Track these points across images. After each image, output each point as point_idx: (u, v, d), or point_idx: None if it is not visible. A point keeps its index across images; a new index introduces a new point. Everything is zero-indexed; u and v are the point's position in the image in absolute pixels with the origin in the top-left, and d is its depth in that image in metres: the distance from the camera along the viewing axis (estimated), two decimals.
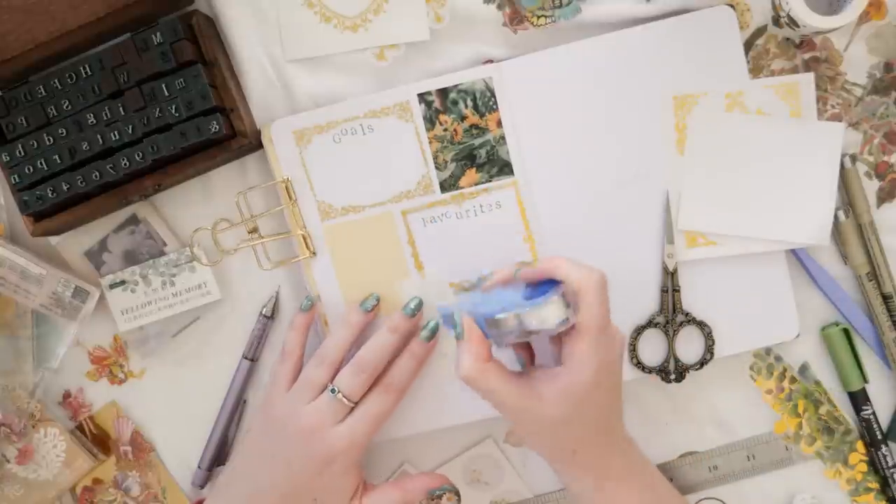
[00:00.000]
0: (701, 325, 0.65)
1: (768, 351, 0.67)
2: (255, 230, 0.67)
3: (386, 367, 0.63)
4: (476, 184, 0.65)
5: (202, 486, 0.70)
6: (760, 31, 0.65)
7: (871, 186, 0.66)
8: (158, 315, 0.69)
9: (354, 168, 0.65)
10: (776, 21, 0.63)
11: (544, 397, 0.55)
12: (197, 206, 0.68)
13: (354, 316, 0.64)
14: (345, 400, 0.60)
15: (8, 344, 0.69)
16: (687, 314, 0.66)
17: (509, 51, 0.65)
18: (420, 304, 0.64)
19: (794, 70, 0.65)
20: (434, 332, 0.63)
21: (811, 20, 0.58)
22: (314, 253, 0.66)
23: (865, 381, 0.66)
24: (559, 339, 0.57)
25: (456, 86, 0.64)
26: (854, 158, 0.65)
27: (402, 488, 0.62)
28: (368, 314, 0.64)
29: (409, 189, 0.65)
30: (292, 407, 0.61)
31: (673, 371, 0.66)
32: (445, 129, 0.65)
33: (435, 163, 0.65)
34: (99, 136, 0.63)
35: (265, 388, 0.67)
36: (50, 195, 0.64)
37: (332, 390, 0.60)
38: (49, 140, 0.64)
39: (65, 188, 0.64)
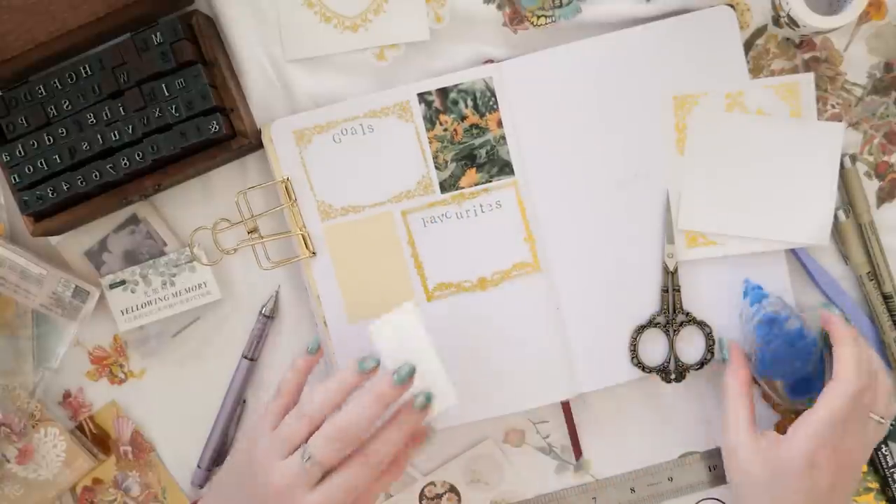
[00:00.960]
0: (701, 324, 0.65)
1: None
2: (255, 230, 0.67)
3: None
4: (476, 184, 0.65)
5: (202, 486, 0.70)
6: (760, 31, 0.65)
7: (871, 186, 0.66)
8: (158, 315, 0.69)
9: (354, 168, 0.65)
10: (776, 21, 0.63)
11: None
12: (197, 206, 0.69)
13: (350, 376, 0.57)
14: (316, 468, 0.54)
15: (8, 344, 0.69)
16: (687, 314, 0.66)
17: (509, 51, 0.65)
18: (412, 371, 0.55)
19: (794, 70, 0.65)
20: (428, 401, 0.56)
21: (811, 20, 0.58)
22: (314, 253, 0.66)
23: None
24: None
25: (456, 86, 0.64)
26: (854, 158, 0.65)
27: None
28: (365, 375, 0.57)
29: (409, 189, 0.65)
30: (268, 456, 0.56)
31: (673, 371, 0.66)
32: (445, 129, 0.65)
33: (435, 163, 0.65)
34: (99, 136, 0.63)
35: (257, 419, 0.61)
36: (50, 195, 0.64)
37: (304, 456, 0.54)
38: (49, 140, 0.64)
39: (65, 188, 0.64)
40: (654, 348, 0.66)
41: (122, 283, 0.68)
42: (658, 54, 0.64)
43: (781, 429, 0.68)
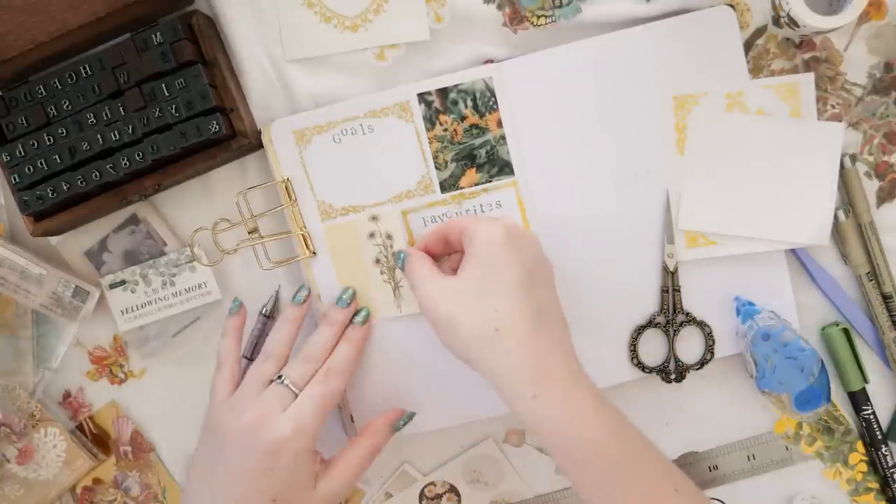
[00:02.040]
0: (701, 324, 0.66)
1: None
2: (255, 230, 0.67)
3: None
4: (476, 184, 0.65)
5: None
6: (760, 31, 0.65)
7: (871, 186, 0.66)
8: (158, 315, 0.69)
9: (354, 168, 0.65)
10: (776, 21, 0.63)
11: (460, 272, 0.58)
12: (197, 206, 0.68)
13: (293, 311, 0.64)
14: (292, 387, 0.60)
15: (8, 344, 0.69)
16: (687, 314, 0.66)
17: (509, 51, 0.65)
18: (353, 295, 0.65)
19: (794, 70, 0.65)
20: (366, 318, 0.65)
21: (811, 20, 0.58)
22: (314, 253, 0.66)
23: (865, 381, 0.66)
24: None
25: (456, 86, 0.64)
26: (854, 158, 0.65)
27: (367, 437, 0.62)
28: (302, 306, 0.65)
29: (410, 189, 0.65)
30: (235, 409, 0.60)
31: (673, 371, 0.66)
32: (445, 129, 0.65)
33: (435, 163, 0.65)
34: (99, 136, 0.63)
35: (210, 401, 0.63)
36: (50, 195, 0.64)
37: (281, 377, 0.60)
38: (49, 140, 0.64)
39: (65, 188, 0.64)
40: (654, 348, 0.66)
41: (122, 283, 0.68)
42: (658, 54, 0.64)
43: (781, 429, 0.68)
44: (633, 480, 0.54)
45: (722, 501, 0.69)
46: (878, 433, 0.66)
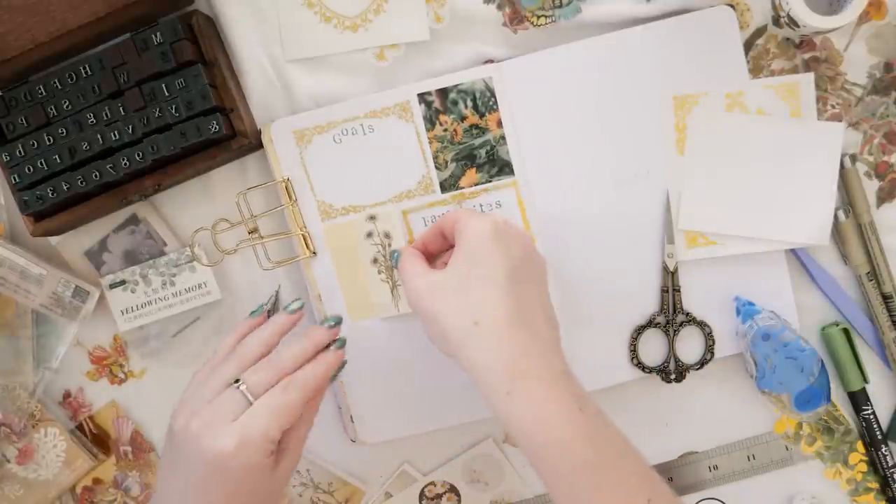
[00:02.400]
0: (701, 324, 0.66)
1: None
2: (255, 230, 0.67)
3: None
4: (476, 184, 0.65)
5: None
6: (760, 31, 0.65)
7: (871, 186, 0.66)
8: (158, 315, 0.69)
9: (355, 168, 0.65)
10: (776, 21, 0.63)
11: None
12: (197, 206, 0.68)
13: (281, 319, 0.59)
14: (247, 394, 0.55)
15: (8, 344, 0.69)
16: (687, 314, 0.66)
17: (509, 51, 0.65)
18: (340, 320, 0.60)
19: (794, 70, 0.65)
20: (343, 344, 0.59)
21: (811, 20, 0.58)
22: (314, 253, 0.66)
23: (865, 381, 0.66)
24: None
25: (456, 86, 0.64)
26: (854, 158, 0.65)
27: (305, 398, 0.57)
28: (291, 317, 0.60)
29: (410, 189, 0.65)
30: (187, 409, 0.55)
31: (673, 371, 0.66)
32: (445, 130, 0.65)
33: (435, 163, 0.65)
34: (99, 136, 0.63)
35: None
36: (50, 195, 0.64)
37: (238, 382, 0.55)
38: (49, 140, 0.64)
39: (65, 188, 0.64)
40: (654, 348, 0.66)
41: (122, 283, 0.68)
42: (658, 54, 0.64)
43: (781, 429, 0.68)
44: (603, 486, 0.52)
45: (722, 501, 0.69)
46: (878, 433, 0.66)
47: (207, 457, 0.53)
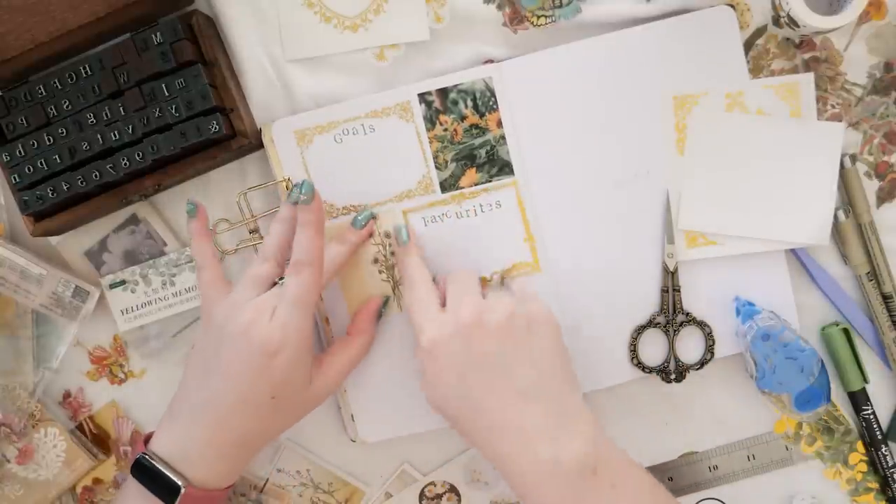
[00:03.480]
0: (701, 324, 0.66)
1: None
2: (255, 230, 0.67)
3: None
4: (476, 184, 0.65)
5: None
6: (760, 31, 0.65)
7: (871, 186, 0.66)
8: (158, 315, 0.69)
9: (355, 168, 0.65)
10: (776, 21, 0.63)
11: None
12: None
13: (287, 211, 0.62)
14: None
15: (8, 344, 0.69)
16: (687, 314, 0.66)
17: (509, 51, 0.65)
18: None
19: (794, 70, 0.65)
20: (367, 220, 0.65)
21: (811, 20, 0.58)
22: None
23: (865, 381, 0.66)
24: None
25: (456, 86, 0.64)
26: (854, 158, 0.65)
27: (356, 335, 0.64)
28: (296, 205, 0.61)
29: (410, 189, 0.65)
30: (232, 307, 0.59)
31: (673, 371, 0.66)
32: (445, 129, 0.65)
33: (435, 163, 0.65)
34: (99, 136, 0.63)
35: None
36: (50, 195, 0.64)
37: (282, 280, 0.59)
38: (49, 140, 0.64)
39: (65, 188, 0.64)
40: (654, 348, 0.66)
41: (122, 283, 0.68)
42: (658, 54, 0.64)
43: (781, 429, 0.68)
44: None
45: (722, 501, 0.69)
46: (878, 433, 0.66)
47: (258, 348, 0.57)
